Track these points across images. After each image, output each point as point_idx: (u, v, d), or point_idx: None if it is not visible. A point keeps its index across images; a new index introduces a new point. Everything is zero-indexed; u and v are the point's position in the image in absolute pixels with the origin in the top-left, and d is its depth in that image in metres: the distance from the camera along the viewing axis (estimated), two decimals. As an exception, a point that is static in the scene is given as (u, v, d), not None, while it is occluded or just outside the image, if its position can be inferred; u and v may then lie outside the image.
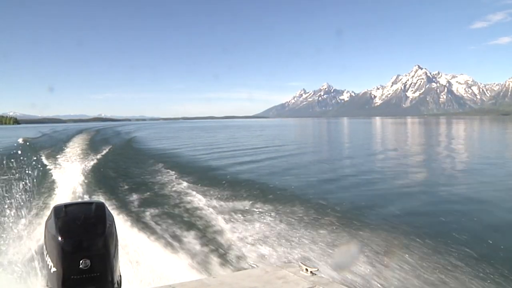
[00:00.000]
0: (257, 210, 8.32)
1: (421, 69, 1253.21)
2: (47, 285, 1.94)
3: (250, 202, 8.97)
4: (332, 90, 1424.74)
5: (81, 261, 1.81)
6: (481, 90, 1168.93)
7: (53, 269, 1.83)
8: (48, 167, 14.98)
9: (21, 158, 14.10)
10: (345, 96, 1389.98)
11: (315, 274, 2.28)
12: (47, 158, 17.84)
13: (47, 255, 1.89)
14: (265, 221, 7.53)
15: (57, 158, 18.06)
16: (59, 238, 1.82)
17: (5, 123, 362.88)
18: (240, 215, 7.95)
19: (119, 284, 2.04)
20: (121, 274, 2.08)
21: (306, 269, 2.30)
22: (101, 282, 1.87)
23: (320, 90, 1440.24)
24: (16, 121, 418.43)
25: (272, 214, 7.96)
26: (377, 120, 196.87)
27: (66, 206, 1.98)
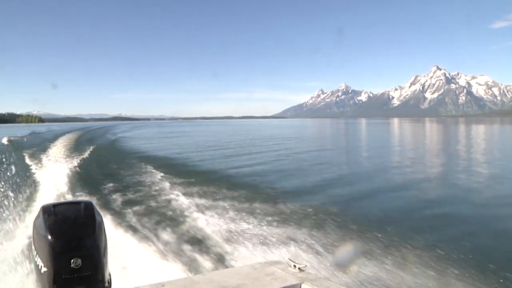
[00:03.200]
0: (246, 208, 8.58)
1: (440, 70, 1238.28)
2: (37, 286, 1.92)
3: (239, 200, 9.36)
4: (350, 91, 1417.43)
5: (72, 261, 1.81)
6: (501, 91, 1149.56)
7: (44, 269, 1.83)
8: (31, 167, 15.31)
9: (4, 158, 13.94)
10: (363, 97, 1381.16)
11: (303, 271, 2.31)
12: (31, 158, 18.15)
13: (37, 255, 1.88)
14: (253, 219, 7.70)
15: (40, 158, 18.36)
16: (49, 238, 1.82)
17: (31, 122, 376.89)
18: (229, 214, 8.15)
19: (109, 283, 2.05)
20: (110, 273, 2.08)
21: (294, 266, 2.33)
22: (92, 281, 1.88)
23: (338, 90, 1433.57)
24: (40, 119, 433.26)
25: (260, 212, 8.22)
26: (395, 121, 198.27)
27: (55, 205, 1.97)
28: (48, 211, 1.93)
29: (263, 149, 27.54)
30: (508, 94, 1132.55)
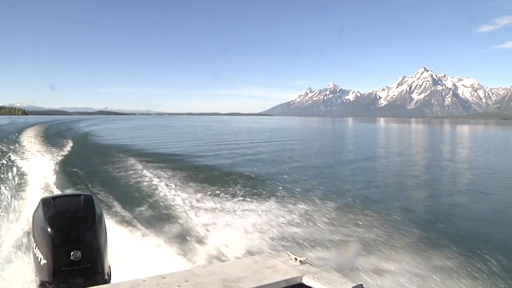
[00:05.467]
0: (246, 201, 8.57)
1: (427, 71, 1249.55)
2: (37, 278, 1.90)
3: (240, 193, 9.32)
4: (338, 90, 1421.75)
5: (71, 253, 1.79)
6: (486, 93, 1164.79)
7: (43, 261, 1.80)
8: (16, 160, 14.73)
9: None
10: (351, 96, 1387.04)
11: (304, 263, 2.30)
12: (17, 151, 17.44)
13: (36, 248, 1.85)
14: (254, 211, 7.70)
15: (24, 151, 17.79)
16: (49, 230, 1.79)
17: (14, 114, 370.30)
18: (229, 206, 8.12)
19: (109, 275, 2.03)
20: (110, 265, 2.07)
21: (295, 258, 2.32)
22: (92, 273, 1.85)
23: (326, 89, 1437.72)
24: (24, 112, 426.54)
25: (261, 204, 8.20)
26: (381, 121, 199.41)
27: (54, 198, 1.96)
28: (48, 203, 1.92)
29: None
30: (493, 97, 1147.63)
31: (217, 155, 20.34)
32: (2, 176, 9.94)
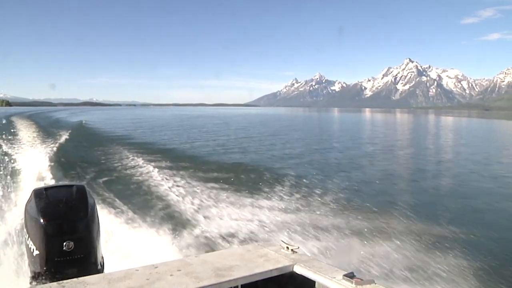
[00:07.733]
0: (238, 191, 8.63)
1: (412, 62, 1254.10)
2: (30, 268, 1.91)
3: (232, 183, 9.46)
4: (324, 81, 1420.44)
5: (64, 243, 1.79)
6: (470, 85, 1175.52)
7: (36, 252, 1.80)
8: (7, 151, 14.64)
9: None
10: (336, 87, 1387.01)
11: (296, 252, 2.30)
12: (8, 141, 17.30)
13: (29, 238, 1.85)
14: (246, 201, 7.73)
15: (13, 141, 17.74)
16: (41, 221, 1.79)
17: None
18: (222, 196, 8.18)
19: (102, 266, 2.04)
20: (103, 255, 2.09)
21: (287, 247, 2.32)
22: (85, 263, 1.86)
23: (312, 80, 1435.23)
24: (8, 103, 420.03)
25: (253, 194, 8.27)
26: (367, 112, 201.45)
27: (46, 189, 1.98)
28: (40, 194, 1.93)
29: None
30: (476, 88, 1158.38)
31: (201, 144, 20.68)
32: None
